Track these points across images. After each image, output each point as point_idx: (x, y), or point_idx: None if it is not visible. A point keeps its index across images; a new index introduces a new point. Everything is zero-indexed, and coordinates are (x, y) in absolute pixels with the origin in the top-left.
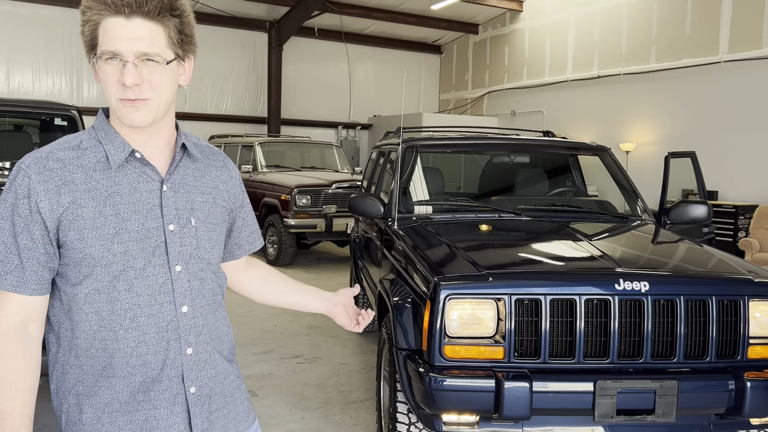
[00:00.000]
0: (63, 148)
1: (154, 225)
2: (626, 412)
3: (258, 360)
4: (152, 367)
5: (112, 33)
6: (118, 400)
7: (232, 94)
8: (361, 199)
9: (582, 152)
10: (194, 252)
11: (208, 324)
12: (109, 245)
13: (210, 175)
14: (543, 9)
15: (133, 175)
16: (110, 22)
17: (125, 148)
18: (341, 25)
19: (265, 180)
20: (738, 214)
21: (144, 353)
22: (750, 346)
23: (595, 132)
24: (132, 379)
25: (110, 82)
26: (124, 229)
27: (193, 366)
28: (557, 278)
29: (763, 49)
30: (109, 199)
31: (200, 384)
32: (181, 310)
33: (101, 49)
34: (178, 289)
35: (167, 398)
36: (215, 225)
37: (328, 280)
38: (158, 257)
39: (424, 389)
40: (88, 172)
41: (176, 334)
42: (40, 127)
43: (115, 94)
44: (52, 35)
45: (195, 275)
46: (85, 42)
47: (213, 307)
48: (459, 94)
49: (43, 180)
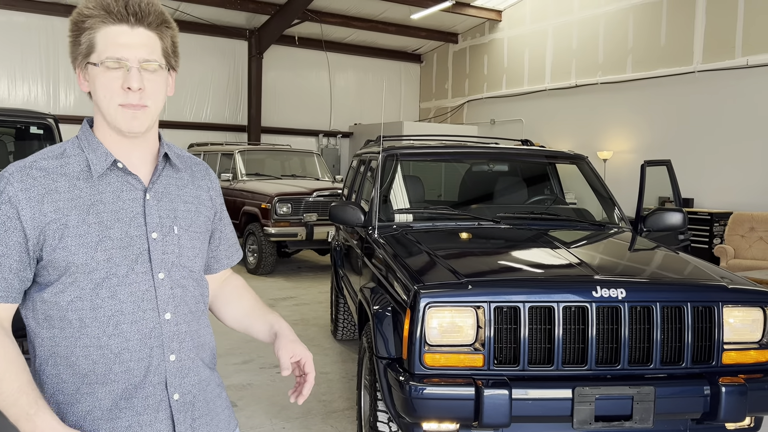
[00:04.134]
0: (47, 157)
1: (137, 233)
2: (604, 419)
3: (238, 370)
4: (135, 373)
5: (115, 40)
6: (100, 407)
7: (212, 102)
8: (341, 207)
9: (560, 161)
10: (176, 260)
11: (191, 331)
12: (92, 253)
13: (193, 184)
14: (521, 19)
15: (116, 184)
16: (113, 29)
17: (107, 157)
18: (322, 34)
19: (245, 188)
20: (713, 221)
21: (127, 360)
22: (724, 351)
23: (573, 140)
24: (115, 386)
25: (112, 88)
26: (107, 236)
27: (176, 372)
28: (536, 286)
29: (736, 59)
30: (93, 207)
31: (183, 391)
32: (165, 317)
33: (105, 55)
34: (161, 296)
35: (151, 405)
36: (198, 234)
37: (309, 288)
38: (141, 264)
39: (405, 397)
40: (71, 181)
41: (159, 341)
42: (16, 136)
43: (116, 100)
44: (29, 42)
45: (177, 283)
46: (79, 49)
47: (196, 314)
48: (439, 103)
49: (26, 188)
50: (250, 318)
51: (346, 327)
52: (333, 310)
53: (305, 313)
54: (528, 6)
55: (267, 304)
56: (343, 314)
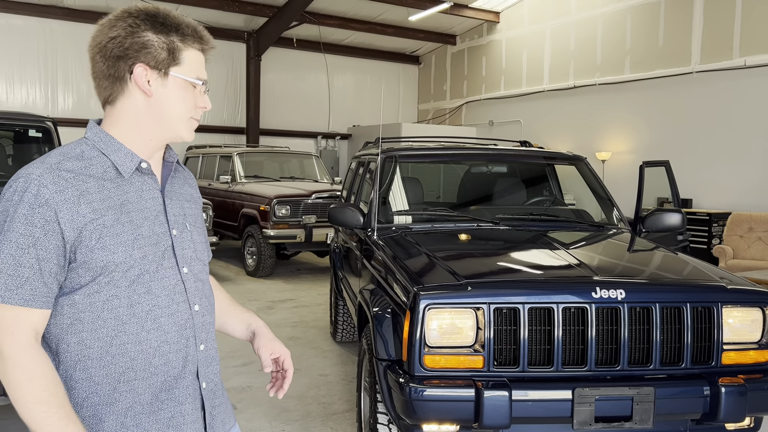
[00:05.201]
0: (69, 158)
1: (161, 230)
2: (604, 419)
3: (237, 372)
4: (174, 365)
5: (199, 64)
6: (141, 402)
7: (211, 104)
8: (340, 209)
9: (558, 162)
10: (194, 254)
11: (212, 322)
12: (130, 251)
13: (186, 184)
14: (519, 20)
15: (137, 184)
16: (197, 54)
17: (133, 158)
18: (320, 36)
19: (243, 190)
20: (712, 222)
21: (166, 352)
22: (724, 352)
23: (572, 141)
24: (154, 379)
25: (190, 102)
26: (140, 234)
27: (204, 362)
28: (535, 287)
29: (733, 59)
30: (123, 206)
31: (208, 379)
32: (195, 309)
33: (195, 74)
34: (190, 289)
35: (190, 393)
36: (201, 229)
37: (308, 291)
38: (168, 260)
39: (404, 399)
40: (99, 182)
41: (192, 332)
42: (14, 139)
43: (190, 113)
44: (27, 45)
45: (198, 276)
46: (160, 54)
47: (213, 306)
48: (437, 104)
49: (60, 190)
50: (224, 316)
51: (345, 329)
52: (332, 312)
53: (304, 315)
54: (526, 7)
55: (266, 306)
56: (342, 316)
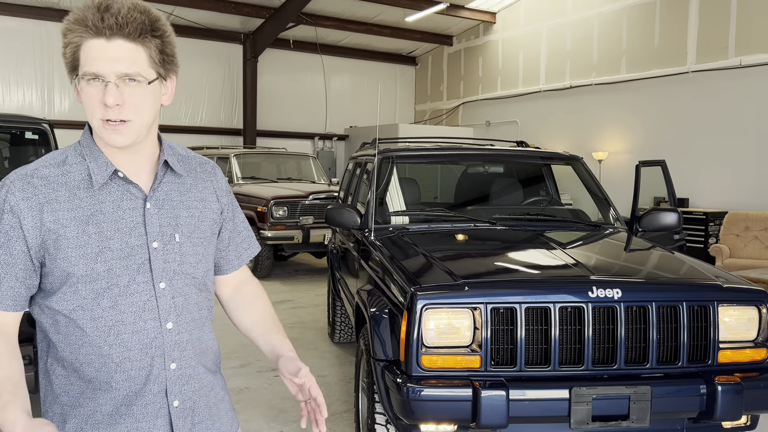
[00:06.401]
0: (48, 165)
1: (138, 243)
2: (601, 419)
3: (235, 374)
4: (136, 381)
5: (93, 54)
6: (102, 412)
7: (207, 106)
8: (338, 210)
9: (555, 162)
10: (178, 268)
11: (193, 339)
12: (92, 264)
13: (197, 187)
14: (516, 21)
15: (116, 194)
16: (91, 43)
17: (108, 167)
18: (316, 37)
19: (241, 192)
20: (708, 221)
21: (128, 368)
22: (720, 350)
23: (568, 141)
24: (116, 393)
25: (93, 103)
26: (107, 247)
27: (176, 380)
28: (532, 287)
29: (729, 59)
30: (92, 217)
31: (183, 397)
32: (166, 327)
33: (83, 70)
34: (163, 306)
35: (150, 412)
36: (201, 239)
37: (306, 292)
38: (143, 275)
39: (402, 399)
40: (71, 191)
41: (160, 350)
42: (11, 141)
43: (97, 115)
44: (23, 48)
45: (179, 291)
46: (66, 63)
47: (198, 322)
48: (434, 105)
49: (27, 197)
50: (255, 331)
51: (343, 330)
52: (330, 313)
53: (302, 316)
54: (522, 8)
55: None
56: (340, 317)
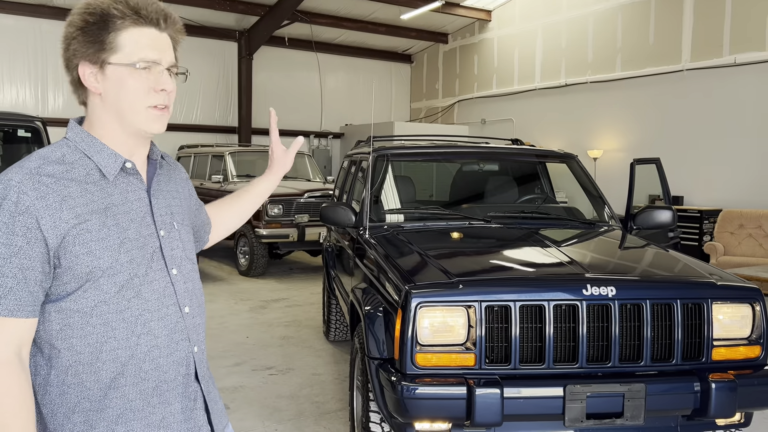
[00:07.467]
0: (49, 163)
1: (148, 232)
2: (596, 416)
3: (230, 372)
4: (165, 369)
5: (146, 42)
6: (132, 408)
7: (202, 104)
8: (332, 208)
9: (550, 160)
10: (182, 254)
11: (203, 322)
12: (116, 255)
13: (174, 178)
14: (511, 19)
15: (122, 185)
16: (142, 31)
17: (117, 158)
18: (312, 35)
19: (236, 190)
20: (703, 219)
21: (156, 356)
22: (714, 348)
23: (564, 139)
24: (145, 384)
25: (143, 88)
26: (127, 238)
27: (200, 363)
28: (526, 285)
29: (723, 57)
30: (108, 210)
31: (205, 379)
32: (185, 311)
33: (137, 56)
34: (179, 291)
35: (186, 395)
36: (188, 227)
37: (301, 290)
38: (157, 262)
39: (397, 398)
40: (81, 185)
41: (184, 335)
42: (3, 139)
43: (147, 101)
44: (17, 45)
45: (188, 277)
46: (96, 47)
47: (203, 306)
48: (430, 103)
49: (41, 196)
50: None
51: (338, 328)
52: (325, 312)
53: (297, 314)
54: (517, 6)
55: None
56: (335, 315)
